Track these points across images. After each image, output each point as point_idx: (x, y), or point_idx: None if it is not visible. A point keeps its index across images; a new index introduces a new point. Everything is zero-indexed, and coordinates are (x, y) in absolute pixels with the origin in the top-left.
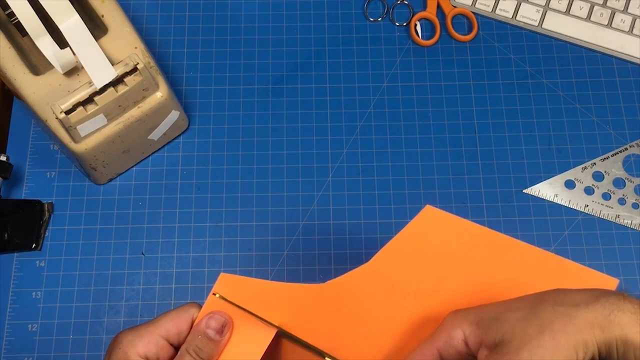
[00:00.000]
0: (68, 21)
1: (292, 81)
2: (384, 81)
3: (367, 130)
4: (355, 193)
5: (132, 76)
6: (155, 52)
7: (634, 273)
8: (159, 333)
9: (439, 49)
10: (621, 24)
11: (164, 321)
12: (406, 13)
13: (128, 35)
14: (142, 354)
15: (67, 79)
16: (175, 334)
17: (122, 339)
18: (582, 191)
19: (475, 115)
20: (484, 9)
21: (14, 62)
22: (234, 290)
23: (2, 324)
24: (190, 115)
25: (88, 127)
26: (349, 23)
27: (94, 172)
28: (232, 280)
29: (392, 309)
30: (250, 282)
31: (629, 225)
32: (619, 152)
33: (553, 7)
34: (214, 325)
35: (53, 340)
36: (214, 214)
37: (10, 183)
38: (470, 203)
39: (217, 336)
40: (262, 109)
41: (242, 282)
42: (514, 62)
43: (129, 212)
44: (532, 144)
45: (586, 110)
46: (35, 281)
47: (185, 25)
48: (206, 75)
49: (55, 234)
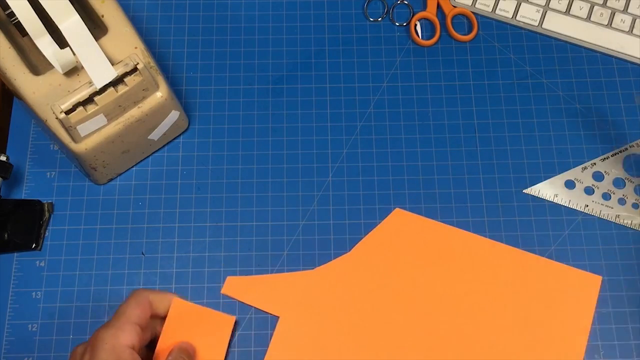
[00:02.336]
0: (68, 21)
1: (292, 81)
2: (384, 81)
3: (367, 130)
4: (355, 193)
5: (132, 76)
6: (155, 52)
7: (634, 273)
8: (134, 321)
9: (439, 49)
10: (621, 24)
11: (131, 311)
12: (406, 13)
13: (128, 35)
14: (129, 344)
15: (67, 79)
16: (144, 319)
17: (104, 336)
18: (582, 191)
19: (475, 115)
20: (484, 9)
21: (14, 62)
22: (239, 289)
23: (2, 324)
24: (190, 115)
25: (88, 127)
26: (349, 23)
27: (94, 172)
28: (236, 281)
29: (373, 294)
30: (250, 280)
31: (629, 225)
32: (619, 152)
33: (553, 7)
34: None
35: (53, 340)
36: (214, 214)
37: (10, 183)
38: (470, 203)
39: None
40: (262, 109)
41: (244, 281)
42: (514, 62)
43: (129, 212)
44: (532, 144)
45: (586, 110)
46: (35, 281)
47: (185, 25)
48: (206, 75)
49: (55, 234)
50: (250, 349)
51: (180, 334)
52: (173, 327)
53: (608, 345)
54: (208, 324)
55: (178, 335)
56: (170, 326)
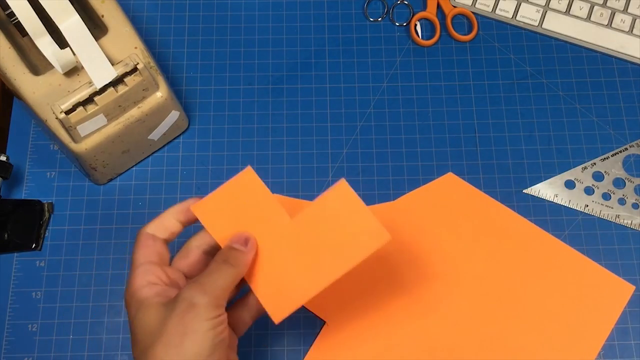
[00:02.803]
0: (68, 21)
1: (292, 81)
2: (384, 81)
3: (367, 130)
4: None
5: (132, 76)
6: (155, 52)
7: (634, 273)
8: (141, 262)
9: (439, 49)
10: (621, 24)
11: (135, 256)
12: (406, 13)
13: (128, 35)
14: (144, 284)
15: (67, 79)
16: (152, 254)
17: (124, 295)
18: (582, 191)
19: (475, 115)
20: (484, 9)
21: (14, 62)
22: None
23: (2, 324)
24: (190, 115)
25: (88, 127)
26: (349, 23)
27: (94, 172)
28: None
29: (409, 248)
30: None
31: (629, 225)
32: (619, 152)
33: (553, 7)
34: (236, 240)
35: (53, 340)
36: None
37: (10, 183)
38: None
39: (242, 247)
40: (262, 109)
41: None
42: (514, 62)
43: (129, 212)
44: (532, 144)
45: (586, 110)
46: (35, 281)
47: (185, 25)
48: (206, 75)
49: (55, 234)
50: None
51: (329, 216)
52: (325, 205)
53: (608, 345)
54: (361, 225)
55: (326, 215)
56: (323, 202)
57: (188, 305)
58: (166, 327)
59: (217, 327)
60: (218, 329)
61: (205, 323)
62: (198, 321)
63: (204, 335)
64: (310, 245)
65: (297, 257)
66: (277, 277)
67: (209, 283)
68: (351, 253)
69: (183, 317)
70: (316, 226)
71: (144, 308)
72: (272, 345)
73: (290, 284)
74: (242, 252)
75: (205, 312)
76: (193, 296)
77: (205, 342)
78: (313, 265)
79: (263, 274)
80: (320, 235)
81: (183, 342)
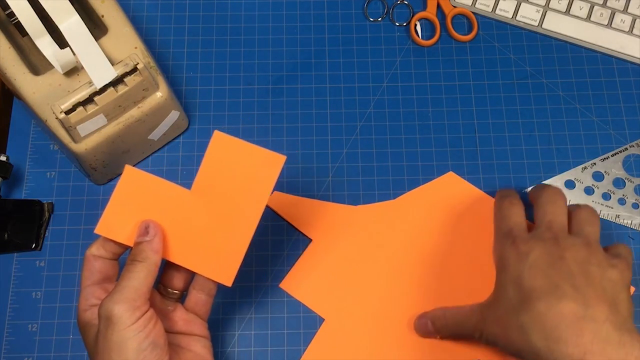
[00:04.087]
0: (68, 21)
1: (292, 81)
2: (384, 81)
3: (367, 130)
4: (356, 193)
5: (132, 76)
6: (155, 52)
7: (634, 273)
8: (85, 285)
9: (439, 49)
10: (621, 24)
11: (82, 280)
12: (406, 13)
13: (128, 35)
14: (89, 305)
15: (67, 79)
16: (94, 274)
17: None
18: (582, 191)
19: (475, 115)
20: (484, 9)
21: (14, 62)
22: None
23: (2, 324)
24: (190, 115)
25: (88, 127)
26: (349, 23)
27: (94, 172)
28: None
29: (406, 244)
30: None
31: (629, 225)
32: (619, 152)
33: (553, 7)
34: (138, 233)
35: (53, 340)
36: None
37: (10, 183)
38: None
39: (144, 237)
40: (262, 109)
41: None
42: (514, 62)
43: None
44: (532, 144)
45: (586, 110)
46: (35, 281)
47: (185, 25)
48: (206, 75)
49: (55, 234)
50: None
51: (221, 170)
52: (212, 162)
53: None
54: (253, 161)
55: (218, 171)
56: (209, 160)
57: (106, 319)
58: (97, 348)
59: (140, 332)
60: (141, 334)
61: (124, 332)
62: (117, 333)
63: (125, 345)
64: (219, 202)
65: (214, 219)
66: (206, 246)
67: (122, 289)
68: (260, 189)
69: (105, 334)
70: (215, 184)
71: (86, 331)
72: (272, 345)
73: (222, 244)
74: (147, 241)
75: (122, 321)
76: (108, 309)
77: (129, 353)
78: (232, 217)
79: (191, 249)
80: (223, 190)
81: (111, 358)
